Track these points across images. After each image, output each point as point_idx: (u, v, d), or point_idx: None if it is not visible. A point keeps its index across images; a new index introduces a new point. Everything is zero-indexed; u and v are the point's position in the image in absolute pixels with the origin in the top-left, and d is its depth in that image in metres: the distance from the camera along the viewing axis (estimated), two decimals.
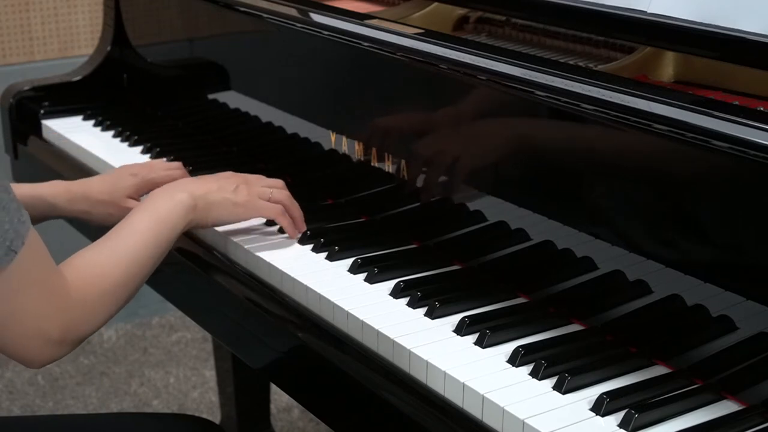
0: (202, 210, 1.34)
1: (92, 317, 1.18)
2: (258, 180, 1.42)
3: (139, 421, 1.47)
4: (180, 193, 1.33)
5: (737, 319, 1.11)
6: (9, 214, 1.06)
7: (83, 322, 1.17)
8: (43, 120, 1.99)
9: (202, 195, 1.34)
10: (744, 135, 1.03)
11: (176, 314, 3.09)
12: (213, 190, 1.36)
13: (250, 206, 1.38)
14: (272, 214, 1.40)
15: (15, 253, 1.06)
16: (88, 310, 1.17)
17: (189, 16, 1.92)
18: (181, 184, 1.38)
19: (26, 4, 2.82)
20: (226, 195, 1.36)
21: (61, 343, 1.15)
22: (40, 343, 1.13)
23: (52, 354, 1.15)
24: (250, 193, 1.38)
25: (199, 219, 1.34)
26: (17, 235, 1.07)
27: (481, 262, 1.34)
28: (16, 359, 1.15)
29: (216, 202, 1.36)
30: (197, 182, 1.38)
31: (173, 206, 1.31)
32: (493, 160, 1.32)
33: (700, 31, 1.19)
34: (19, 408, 2.69)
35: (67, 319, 1.14)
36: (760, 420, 1.02)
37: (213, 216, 1.36)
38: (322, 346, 1.23)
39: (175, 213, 1.30)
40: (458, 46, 1.36)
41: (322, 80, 1.60)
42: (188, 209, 1.32)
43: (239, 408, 2.25)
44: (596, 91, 1.17)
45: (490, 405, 1.05)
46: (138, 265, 1.24)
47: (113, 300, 1.21)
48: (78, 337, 1.17)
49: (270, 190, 1.40)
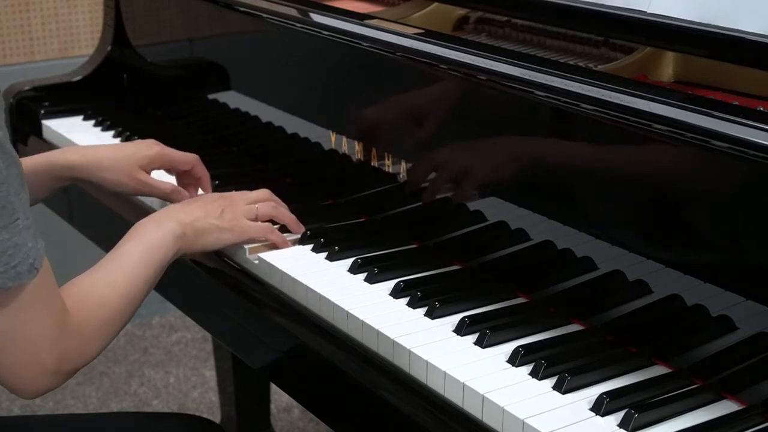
0: (190, 238, 1.34)
1: (87, 348, 1.17)
2: (242, 198, 1.42)
3: (139, 421, 1.47)
4: (168, 221, 1.33)
5: (737, 319, 1.11)
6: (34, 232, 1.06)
7: (78, 352, 1.16)
8: (44, 120, 1.99)
9: (190, 222, 1.34)
10: (744, 135, 1.03)
11: (176, 314, 3.09)
12: (200, 217, 1.36)
13: (237, 231, 1.38)
14: (260, 234, 1.39)
15: (36, 271, 1.06)
16: (83, 339, 1.16)
17: (189, 16, 1.92)
18: (170, 211, 1.37)
19: (26, 4, 2.82)
20: (212, 221, 1.36)
21: (56, 374, 1.13)
22: (35, 372, 1.12)
23: (46, 384, 1.13)
24: (236, 215, 1.38)
25: (188, 246, 1.35)
26: (38, 254, 1.07)
27: (481, 262, 1.34)
28: (9, 387, 1.13)
29: (203, 230, 1.36)
30: (184, 209, 1.37)
31: (162, 236, 1.30)
32: (493, 160, 1.32)
33: (699, 31, 1.19)
34: (19, 408, 2.69)
35: (63, 349, 1.13)
36: (760, 420, 1.02)
37: (201, 243, 1.36)
38: (322, 346, 1.23)
39: (165, 242, 1.30)
40: (458, 46, 1.36)
41: (322, 80, 1.60)
42: (177, 238, 1.32)
43: (239, 408, 2.25)
44: (596, 91, 1.17)
45: (490, 405, 1.05)
46: (131, 296, 1.24)
47: (108, 331, 1.20)
48: (72, 368, 1.16)
49: (255, 207, 1.40)
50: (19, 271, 1.05)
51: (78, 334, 1.16)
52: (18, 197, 1.04)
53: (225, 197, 1.42)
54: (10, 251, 1.03)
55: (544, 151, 1.26)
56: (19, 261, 1.04)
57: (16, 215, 1.03)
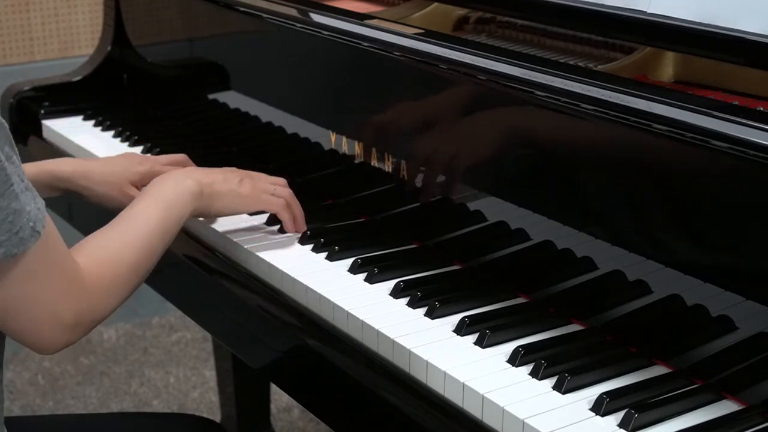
0: (207, 198, 1.35)
1: (105, 301, 1.18)
2: (262, 176, 1.44)
3: (140, 421, 1.47)
4: (187, 179, 1.34)
5: (737, 319, 1.11)
6: (32, 193, 1.06)
7: (96, 306, 1.17)
8: (44, 120, 1.99)
9: (209, 183, 1.36)
10: (744, 135, 1.03)
11: (176, 314, 3.09)
12: (219, 180, 1.38)
13: (255, 198, 1.40)
14: (275, 207, 1.41)
15: (39, 234, 1.06)
16: (101, 293, 1.17)
17: (189, 16, 1.92)
18: (188, 171, 1.40)
19: (26, 4, 2.82)
20: (231, 186, 1.38)
21: (74, 327, 1.14)
22: (53, 328, 1.13)
23: (65, 339, 1.14)
24: (255, 186, 1.40)
25: (204, 207, 1.36)
26: (38, 216, 1.07)
27: (481, 262, 1.34)
28: (28, 345, 1.14)
29: (221, 192, 1.37)
30: (203, 171, 1.40)
31: (180, 192, 1.32)
32: (493, 160, 1.32)
33: (700, 31, 1.19)
34: (19, 408, 2.69)
35: (81, 303, 1.14)
36: (760, 420, 1.02)
37: (217, 205, 1.38)
38: (322, 346, 1.23)
39: (182, 199, 1.31)
40: (458, 46, 1.36)
41: (322, 80, 1.60)
42: (194, 196, 1.33)
43: (239, 408, 2.25)
44: (596, 91, 1.17)
45: (490, 405, 1.05)
46: (147, 250, 1.24)
47: (125, 284, 1.21)
48: (91, 321, 1.17)
49: (273, 187, 1.42)
50: (22, 236, 1.04)
51: (94, 287, 1.16)
52: (10, 161, 1.04)
53: (246, 172, 1.43)
54: (11, 218, 1.03)
55: (544, 151, 1.26)
56: (20, 227, 1.04)
57: (10, 181, 1.03)
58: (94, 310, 1.16)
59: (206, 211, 1.37)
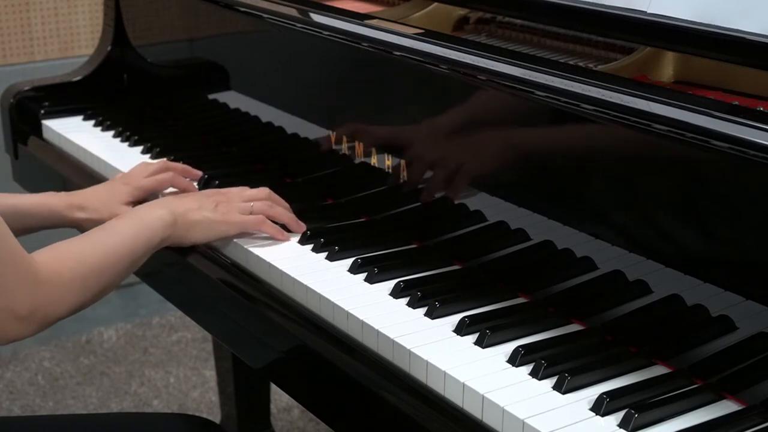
0: (182, 227, 1.38)
1: (62, 298, 1.21)
2: (240, 194, 1.45)
3: (140, 421, 1.47)
4: (161, 209, 1.38)
5: (737, 319, 1.11)
6: None
7: (51, 300, 1.19)
8: (44, 120, 1.99)
9: (182, 213, 1.39)
10: (744, 135, 1.03)
11: (176, 314, 3.09)
12: (193, 208, 1.40)
13: (230, 224, 1.41)
14: (253, 226, 1.42)
15: None
16: (57, 289, 1.20)
17: (189, 16, 1.92)
18: (164, 201, 1.43)
19: (26, 4, 2.82)
20: (205, 213, 1.40)
21: (28, 320, 1.17)
22: (4, 319, 1.15)
23: (17, 330, 1.17)
24: (230, 210, 1.42)
25: (178, 236, 1.39)
26: None
27: (481, 262, 1.34)
28: None
29: (195, 221, 1.40)
30: (178, 200, 1.42)
31: (153, 218, 1.36)
32: (493, 160, 1.32)
33: (699, 31, 1.19)
34: (19, 408, 2.69)
35: (35, 297, 1.16)
36: (760, 420, 1.02)
37: (192, 234, 1.40)
38: (322, 346, 1.23)
39: (154, 225, 1.35)
40: (458, 46, 1.36)
41: (322, 80, 1.60)
42: (167, 225, 1.36)
43: (239, 408, 2.25)
44: (596, 91, 1.17)
45: (490, 405, 1.05)
46: (113, 259, 1.28)
47: (84, 286, 1.24)
48: (45, 315, 1.19)
49: (250, 204, 1.43)
50: None
51: (50, 282, 1.19)
52: None
53: (222, 193, 1.45)
54: None
55: (544, 151, 1.26)
56: None
57: None
58: (49, 304, 1.19)
59: (180, 240, 1.40)
